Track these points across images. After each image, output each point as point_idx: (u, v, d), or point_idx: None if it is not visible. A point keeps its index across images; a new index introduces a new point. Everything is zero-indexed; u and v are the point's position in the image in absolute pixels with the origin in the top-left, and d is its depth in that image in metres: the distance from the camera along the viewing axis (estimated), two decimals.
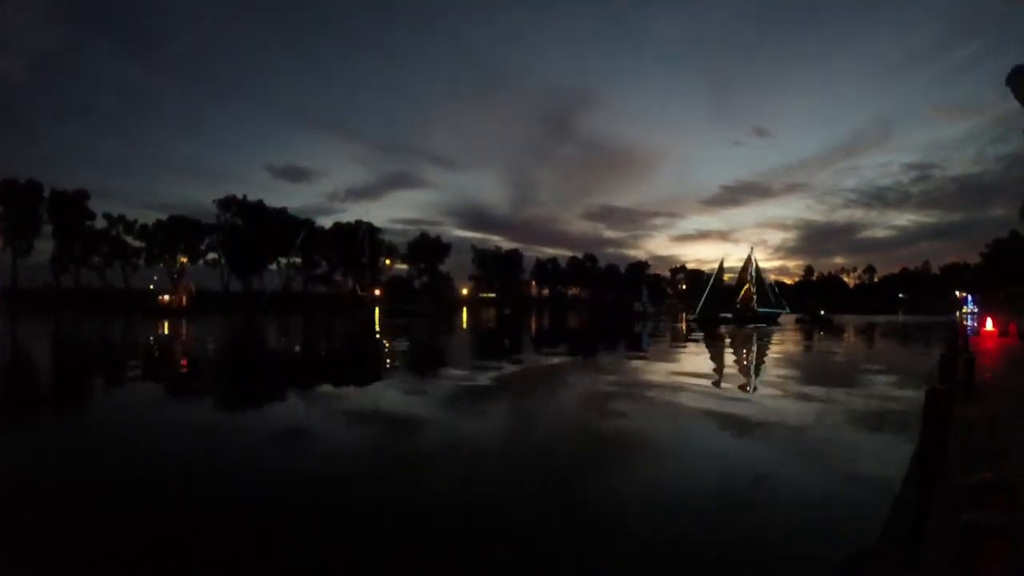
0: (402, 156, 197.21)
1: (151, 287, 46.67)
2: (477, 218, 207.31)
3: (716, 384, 11.98)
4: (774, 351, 20.61)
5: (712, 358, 17.98)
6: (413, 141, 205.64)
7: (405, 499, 4.43)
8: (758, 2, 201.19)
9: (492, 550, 3.58)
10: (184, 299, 45.38)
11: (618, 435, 7.14)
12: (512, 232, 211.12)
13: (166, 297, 45.44)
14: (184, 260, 67.77)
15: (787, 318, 43.59)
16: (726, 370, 15.26)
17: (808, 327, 36.32)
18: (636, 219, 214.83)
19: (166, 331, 24.90)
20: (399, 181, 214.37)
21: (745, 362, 17.21)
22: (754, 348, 21.63)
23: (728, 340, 25.06)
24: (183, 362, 14.94)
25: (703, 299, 41.13)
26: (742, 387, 11.79)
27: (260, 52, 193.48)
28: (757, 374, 14.13)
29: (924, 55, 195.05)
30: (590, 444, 6.59)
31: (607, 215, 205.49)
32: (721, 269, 43.00)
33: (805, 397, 10.16)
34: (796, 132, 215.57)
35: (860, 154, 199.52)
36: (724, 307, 40.43)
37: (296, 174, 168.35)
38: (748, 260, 43.19)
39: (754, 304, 41.07)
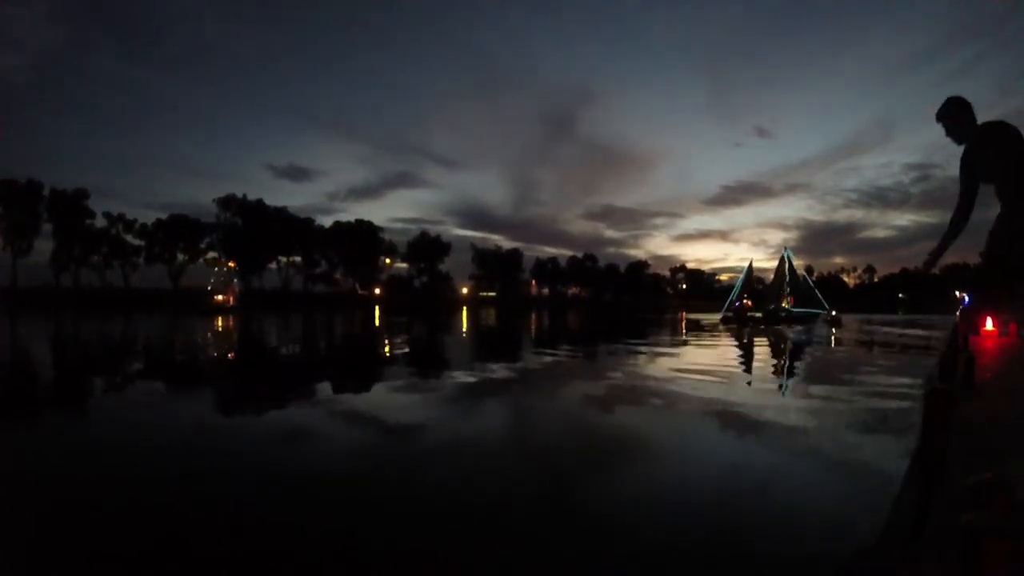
0: (403, 156, 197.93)
1: (208, 288, 57.04)
2: (478, 218, 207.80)
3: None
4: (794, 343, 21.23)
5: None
6: (415, 141, 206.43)
7: (413, 496, 4.44)
8: (760, 3, 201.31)
9: (492, 548, 3.59)
10: (231, 298, 54.86)
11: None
12: (513, 232, 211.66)
13: (219, 297, 54.25)
14: (232, 265, 72.89)
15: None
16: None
17: (826, 326, 37.52)
18: (637, 219, 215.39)
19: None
20: (400, 180, 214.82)
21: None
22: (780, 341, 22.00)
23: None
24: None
25: (730, 299, 41.45)
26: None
27: (261, 51, 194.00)
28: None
29: (925, 56, 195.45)
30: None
31: (608, 215, 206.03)
32: (751, 269, 43.23)
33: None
34: (797, 132, 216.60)
35: (861, 154, 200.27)
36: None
37: (297, 174, 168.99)
38: (782, 260, 43.43)
39: (787, 303, 41.32)
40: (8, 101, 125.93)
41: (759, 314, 39.26)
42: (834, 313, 44.37)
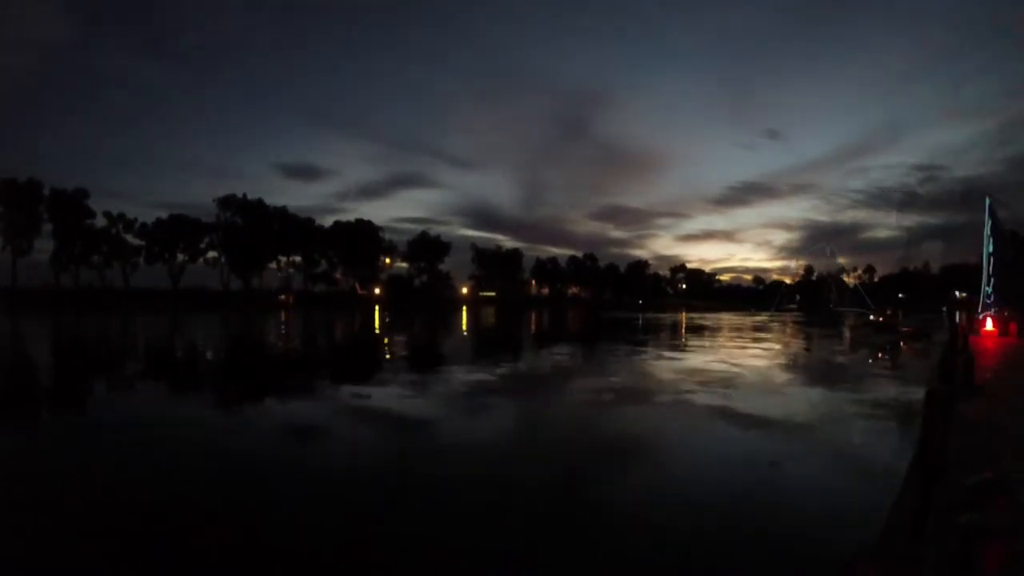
0: (415, 155, 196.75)
1: (272, 289, 71.42)
2: (486, 218, 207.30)
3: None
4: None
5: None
6: (426, 140, 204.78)
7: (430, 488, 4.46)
8: (772, 7, 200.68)
9: (494, 541, 3.60)
10: (291, 298, 67.11)
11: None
12: (521, 232, 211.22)
13: (282, 297, 66.92)
14: (290, 270, 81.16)
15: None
16: None
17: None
18: (643, 219, 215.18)
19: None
20: (410, 180, 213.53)
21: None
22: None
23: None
24: None
25: (777, 299, 43.54)
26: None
27: (271, 49, 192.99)
28: None
29: (935, 62, 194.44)
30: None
31: (615, 215, 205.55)
32: (799, 269, 45.36)
33: None
34: (806, 134, 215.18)
35: (868, 156, 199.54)
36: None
37: (307, 173, 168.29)
38: (828, 263, 45.37)
39: (833, 303, 42.88)
40: (10, 99, 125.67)
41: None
42: (882, 315, 36.97)
